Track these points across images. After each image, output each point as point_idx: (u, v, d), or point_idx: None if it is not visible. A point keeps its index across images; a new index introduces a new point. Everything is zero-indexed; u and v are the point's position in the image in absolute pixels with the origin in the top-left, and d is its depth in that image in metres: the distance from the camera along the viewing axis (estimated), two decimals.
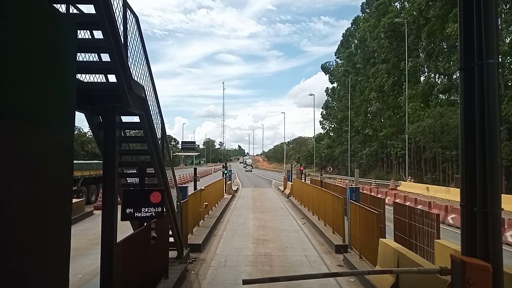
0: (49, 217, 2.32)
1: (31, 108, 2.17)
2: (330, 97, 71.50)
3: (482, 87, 3.87)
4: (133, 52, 5.67)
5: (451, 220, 14.75)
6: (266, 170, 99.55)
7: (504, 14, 28.75)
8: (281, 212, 18.26)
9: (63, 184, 2.51)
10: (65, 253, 2.56)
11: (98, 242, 6.47)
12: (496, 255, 3.76)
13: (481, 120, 3.85)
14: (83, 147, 48.49)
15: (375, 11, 48.94)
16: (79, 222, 14.60)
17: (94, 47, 5.46)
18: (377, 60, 49.41)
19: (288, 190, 26.12)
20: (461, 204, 4.12)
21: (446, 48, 37.98)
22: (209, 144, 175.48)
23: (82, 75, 5.62)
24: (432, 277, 4.68)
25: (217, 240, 11.64)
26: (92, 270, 8.17)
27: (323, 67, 72.63)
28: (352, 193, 10.22)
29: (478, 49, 3.91)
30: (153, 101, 6.79)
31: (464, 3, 4.11)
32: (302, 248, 10.63)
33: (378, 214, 7.81)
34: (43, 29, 2.27)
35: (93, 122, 6.29)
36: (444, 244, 6.53)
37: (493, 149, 3.81)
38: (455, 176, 31.84)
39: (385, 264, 6.78)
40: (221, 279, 7.76)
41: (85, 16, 5.04)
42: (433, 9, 35.86)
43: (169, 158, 8.28)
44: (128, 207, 6.24)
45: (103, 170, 6.06)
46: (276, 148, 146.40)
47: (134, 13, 5.70)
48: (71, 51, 2.67)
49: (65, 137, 2.53)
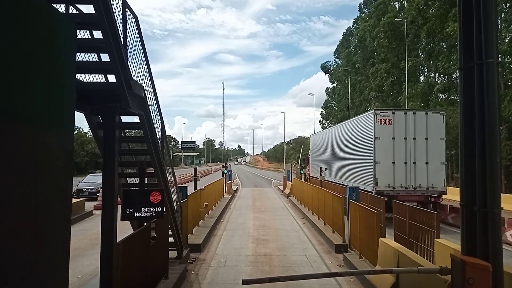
0: (49, 217, 2.32)
1: (31, 108, 2.17)
2: (330, 96, 71.48)
3: (481, 86, 3.87)
4: (132, 52, 5.67)
5: (451, 219, 14.75)
6: (266, 169, 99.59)
7: (504, 14, 28.75)
8: (281, 212, 18.26)
9: (63, 184, 2.51)
10: (65, 253, 2.55)
11: (98, 242, 6.47)
12: (496, 255, 3.76)
13: (481, 120, 3.85)
14: (83, 147, 48.46)
15: (375, 11, 48.94)
16: (79, 222, 14.60)
17: (94, 47, 5.46)
18: (376, 59, 49.41)
19: (288, 190, 26.12)
20: (461, 203, 4.12)
21: (445, 48, 37.98)
22: (209, 144, 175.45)
23: (81, 75, 5.62)
24: (432, 276, 4.68)
25: (217, 240, 11.64)
26: (92, 270, 8.17)
27: (322, 67, 72.60)
28: (352, 192, 10.22)
29: (478, 48, 3.91)
30: (152, 101, 6.78)
31: (464, 2, 4.11)
32: (302, 248, 10.63)
33: (378, 214, 7.81)
34: (43, 29, 2.27)
35: (93, 122, 6.29)
36: (444, 243, 6.54)
37: (492, 148, 3.81)
38: (454, 176, 31.84)
39: (385, 264, 6.78)
40: (221, 279, 7.76)
41: (85, 16, 5.04)
42: (432, 9, 35.88)
43: (169, 158, 8.27)
44: (128, 207, 6.23)
45: (103, 170, 6.06)
46: (276, 148, 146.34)
47: (133, 13, 5.70)
48: (71, 51, 2.67)
49: (65, 137, 2.53)
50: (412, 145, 14.95)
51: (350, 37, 62.82)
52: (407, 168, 14.91)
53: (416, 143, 14.94)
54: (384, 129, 15.00)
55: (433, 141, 14.90)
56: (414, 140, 14.94)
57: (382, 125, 15.01)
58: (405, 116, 15.14)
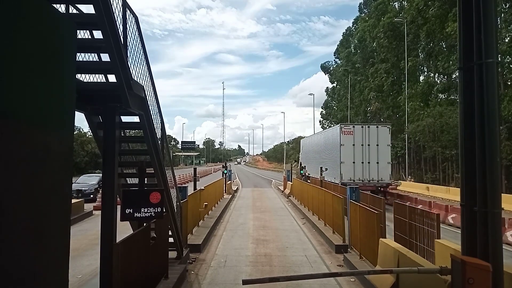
0: (48, 217, 2.32)
1: (31, 108, 2.17)
2: (330, 96, 71.52)
3: (481, 86, 3.87)
4: (132, 52, 5.67)
5: (452, 219, 14.75)
6: (266, 170, 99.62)
7: (503, 14, 28.76)
8: (281, 212, 18.26)
9: (62, 184, 2.50)
10: (65, 253, 2.55)
11: (97, 243, 6.46)
12: (496, 255, 3.76)
13: (481, 120, 3.85)
14: (83, 147, 48.44)
15: (374, 11, 48.96)
16: (79, 222, 14.59)
17: (94, 47, 5.46)
18: (376, 60, 49.43)
19: (288, 190, 26.12)
20: (461, 203, 4.12)
21: (445, 48, 37.99)
22: (209, 144, 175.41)
23: (82, 75, 5.62)
24: (432, 277, 4.68)
25: (217, 240, 11.64)
26: (91, 271, 8.16)
27: (322, 67, 72.66)
28: (352, 192, 10.22)
29: (478, 48, 3.91)
30: (153, 101, 6.78)
31: (464, 2, 4.11)
32: (302, 248, 10.63)
33: (378, 214, 7.81)
34: (43, 29, 2.26)
35: (93, 122, 6.29)
36: (444, 244, 6.53)
37: (492, 148, 3.81)
38: (455, 176, 31.84)
39: (385, 264, 6.78)
40: (221, 279, 7.76)
41: (85, 16, 5.04)
42: (432, 9, 35.89)
43: (169, 158, 8.27)
44: (127, 207, 6.23)
45: (103, 170, 6.06)
46: (276, 148, 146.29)
47: (133, 13, 5.70)
48: (71, 51, 2.67)
49: (65, 137, 2.53)
50: (367, 150, 20.70)
51: (350, 37, 62.83)
52: (364, 166, 20.70)
53: (369, 148, 20.70)
54: (347, 138, 20.84)
55: (382, 147, 20.71)
56: (368, 146, 20.69)
57: (346, 135, 20.92)
58: (362, 128, 21.04)
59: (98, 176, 24.27)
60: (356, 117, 55.71)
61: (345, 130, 21.11)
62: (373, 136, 20.77)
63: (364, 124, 22.47)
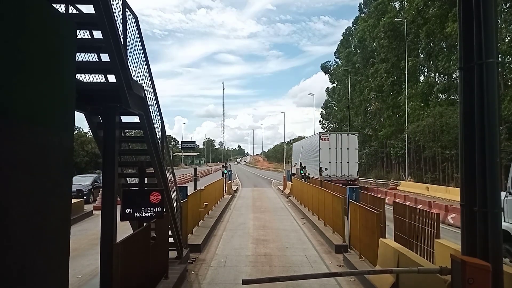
0: (48, 217, 2.32)
1: (31, 108, 2.17)
2: (330, 96, 71.45)
3: (481, 86, 3.87)
4: (132, 52, 5.67)
5: (451, 219, 14.75)
6: (266, 170, 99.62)
7: (503, 14, 28.75)
8: (281, 212, 18.26)
9: (62, 184, 2.50)
10: (65, 253, 2.55)
11: (97, 242, 6.46)
12: (496, 255, 3.76)
13: (481, 120, 3.85)
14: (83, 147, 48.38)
15: (374, 11, 48.93)
16: (79, 222, 14.59)
17: (94, 47, 5.46)
18: (376, 59, 49.39)
19: (288, 190, 26.12)
20: (461, 203, 4.12)
21: (445, 48, 37.98)
22: (209, 144, 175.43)
23: (81, 75, 5.62)
24: (432, 276, 4.68)
25: (217, 240, 11.64)
26: (91, 271, 8.16)
27: (322, 67, 72.61)
28: (352, 192, 10.22)
29: (478, 48, 3.91)
30: (152, 101, 6.78)
31: (464, 2, 4.11)
32: (302, 248, 10.63)
33: (378, 214, 7.81)
34: (43, 29, 2.27)
35: (93, 122, 6.29)
36: (444, 243, 6.53)
37: (492, 148, 3.81)
38: (455, 176, 31.84)
39: (385, 264, 6.78)
40: (221, 279, 7.76)
41: (85, 16, 5.04)
42: (432, 9, 35.87)
43: (169, 158, 8.27)
44: (127, 207, 6.22)
45: (103, 170, 6.06)
46: (276, 148, 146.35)
47: (133, 13, 5.70)
48: (71, 51, 2.67)
49: (65, 137, 2.53)
50: (340, 152, 28.08)
51: (350, 37, 62.77)
52: (337, 165, 28.06)
53: (342, 151, 28.10)
54: (325, 143, 28.32)
55: (351, 150, 28.14)
56: (341, 149, 28.09)
57: (323, 141, 28.49)
58: (336, 136, 28.78)
59: (92, 176, 24.21)
60: (356, 117, 55.70)
61: (323, 137, 28.76)
62: (344, 142, 28.09)
63: (338, 133, 31.05)
